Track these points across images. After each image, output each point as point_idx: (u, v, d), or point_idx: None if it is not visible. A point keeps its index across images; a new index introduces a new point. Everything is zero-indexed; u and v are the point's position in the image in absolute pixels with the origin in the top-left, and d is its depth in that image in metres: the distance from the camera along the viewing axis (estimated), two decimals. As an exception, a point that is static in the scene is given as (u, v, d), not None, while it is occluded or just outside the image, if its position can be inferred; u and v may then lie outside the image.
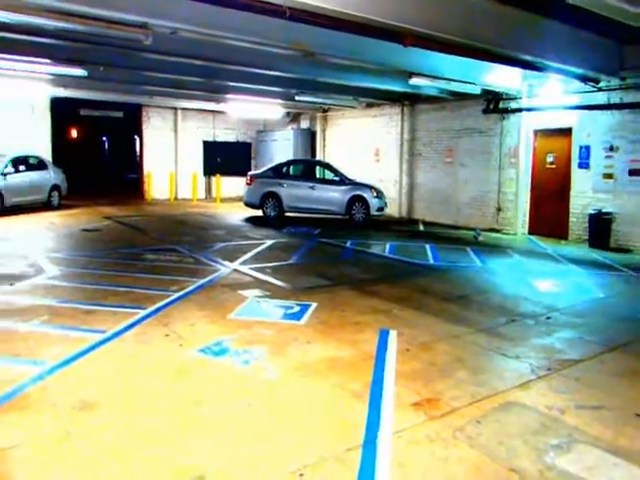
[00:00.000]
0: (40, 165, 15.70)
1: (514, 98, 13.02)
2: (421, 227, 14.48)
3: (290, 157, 19.01)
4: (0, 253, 8.74)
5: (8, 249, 9.15)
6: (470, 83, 11.53)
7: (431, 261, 9.37)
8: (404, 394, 3.90)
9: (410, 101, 16.04)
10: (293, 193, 14.46)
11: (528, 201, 13.05)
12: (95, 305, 5.94)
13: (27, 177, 14.85)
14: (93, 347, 4.67)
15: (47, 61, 12.36)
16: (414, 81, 10.74)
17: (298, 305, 6.18)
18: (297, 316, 5.77)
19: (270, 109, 19.06)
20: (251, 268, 8.18)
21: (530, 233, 12.91)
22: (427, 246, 10.79)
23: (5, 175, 14.00)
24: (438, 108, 15.32)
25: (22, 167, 14.81)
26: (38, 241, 10.20)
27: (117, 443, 3.18)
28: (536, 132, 12.89)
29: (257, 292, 6.76)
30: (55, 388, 3.85)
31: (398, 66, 10.18)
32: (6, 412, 3.49)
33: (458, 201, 14.79)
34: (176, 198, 20.73)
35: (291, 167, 15.61)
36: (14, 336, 4.91)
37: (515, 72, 11.67)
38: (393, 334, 5.22)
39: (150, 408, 3.65)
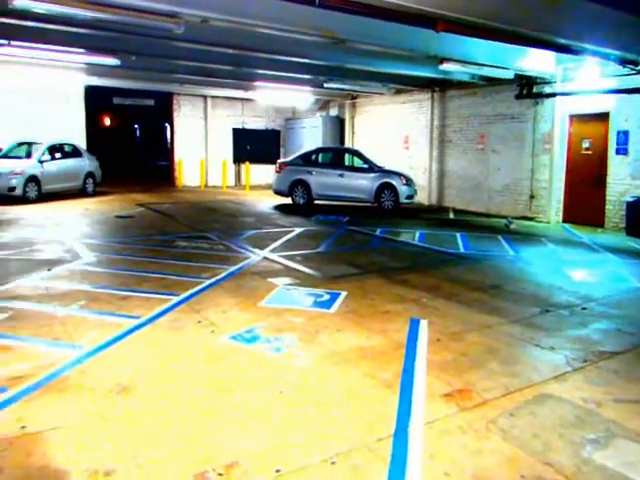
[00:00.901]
0: (75, 153, 16.03)
1: (548, 82, 12.67)
2: (451, 215, 14.30)
3: (319, 145, 18.95)
4: (38, 239, 8.99)
5: (45, 235, 9.40)
6: (503, 68, 11.27)
7: (462, 250, 9.26)
8: (435, 384, 3.87)
9: (440, 87, 15.78)
10: (322, 181, 14.44)
11: (562, 188, 12.74)
12: (129, 291, 6.06)
13: (63, 164, 15.19)
14: (128, 332, 4.77)
15: (81, 51, 12.57)
16: (445, 67, 10.55)
17: (328, 293, 6.19)
18: (327, 304, 5.79)
19: (299, 96, 19.01)
20: (281, 256, 8.22)
21: (564, 221, 12.63)
22: (458, 234, 10.66)
23: (42, 162, 14.35)
24: (469, 94, 15.04)
25: (58, 155, 15.15)
26: (74, 227, 10.44)
27: (151, 427, 3.24)
28: (571, 117, 12.54)
29: (287, 280, 6.79)
30: (93, 372, 3.96)
31: (429, 52, 10.01)
32: (46, 394, 3.59)
33: (490, 188, 14.54)
34: (206, 185, 20.93)
35: (320, 155, 15.57)
36: (53, 320, 5.05)
37: (549, 56, 11.35)
38: (424, 323, 5.19)
39: (184, 393, 3.71)
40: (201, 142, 21.56)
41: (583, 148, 12.36)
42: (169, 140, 22.38)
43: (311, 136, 20.62)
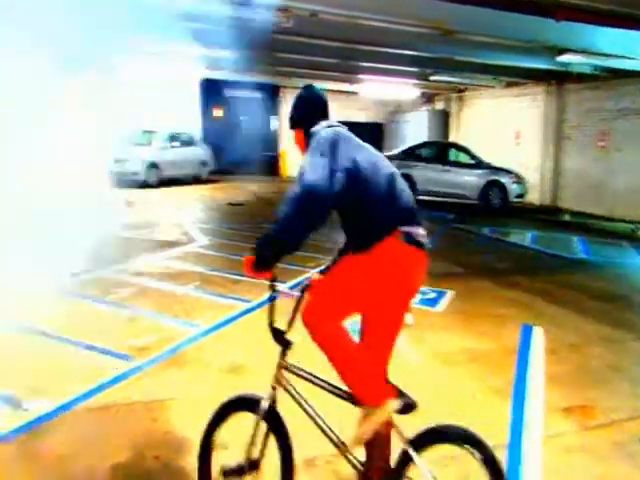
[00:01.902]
0: (191, 142, 17.00)
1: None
2: (567, 217, 13.42)
3: (423, 139, 18.58)
4: (158, 221, 9.65)
5: (164, 218, 10.06)
6: (631, 58, 10.31)
7: (580, 254, 8.66)
8: (552, 397, 3.66)
9: (557, 79, 14.78)
10: (427, 176, 14.15)
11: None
12: (240, 275, 6.30)
13: (180, 152, 16.16)
14: (240, 315, 4.99)
15: (198, 45, 13.24)
16: (564, 58, 9.86)
17: (433, 291, 6.06)
18: (433, 302, 5.67)
19: (403, 90, 18.72)
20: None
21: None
22: (575, 238, 9.98)
23: (162, 150, 15.37)
24: (590, 87, 13.96)
25: (176, 143, 16.15)
26: (189, 212, 11.09)
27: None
28: None
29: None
30: (209, 349, 4.18)
31: (546, 42, 9.39)
32: (167, 367, 3.85)
33: (613, 190, 13.44)
34: (309, 176, 21.26)
35: (425, 149, 15.27)
36: (172, 298, 5.40)
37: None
38: (537, 331, 4.92)
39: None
40: (306, 134, 21.93)
41: None
42: (274, 131, 23.05)
43: (415, 130, 20.26)
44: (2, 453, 2.72)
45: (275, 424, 2.32)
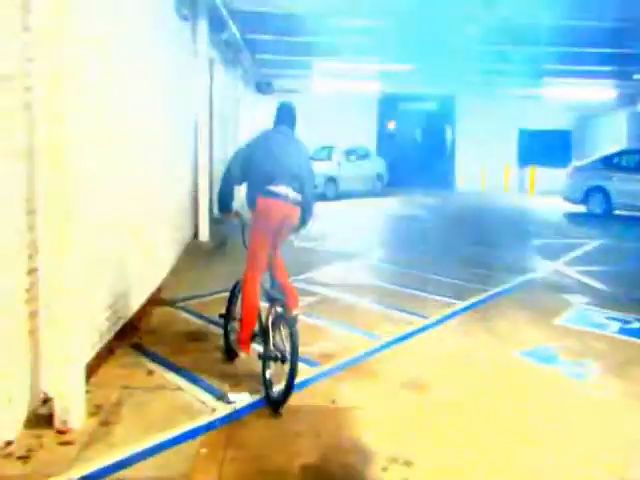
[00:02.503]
0: (367, 156, 17.48)
1: None
2: None
3: (622, 146, 16.62)
4: (337, 233, 10.06)
5: (342, 230, 10.46)
6: None
7: None
8: None
9: None
10: (626, 188, 12.61)
11: None
12: (417, 290, 6.28)
13: (356, 167, 16.71)
14: (419, 330, 4.95)
15: (377, 59, 13.59)
16: None
17: (638, 320, 5.36)
18: (638, 333, 5.02)
19: (596, 91, 17.00)
20: (575, 271, 7.48)
21: None
22: None
23: (340, 164, 16.05)
24: None
25: (353, 157, 16.74)
26: (365, 224, 11.38)
27: (447, 429, 3.28)
28: None
29: (584, 299, 6.14)
30: (388, 363, 4.22)
31: None
32: (350, 375, 3.97)
33: None
34: (486, 188, 20.45)
35: (624, 158, 13.64)
36: (352, 308, 5.58)
37: None
38: None
39: (473, 402, 3.66)
40: (482, 144, 21.10)
41: None
42: (450, 143, 22.58)
43: (610, 136, 18.26)
44: (210, 439, 3.05)
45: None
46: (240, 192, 4.18)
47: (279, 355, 3.46)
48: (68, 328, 3.01)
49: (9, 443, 2.79)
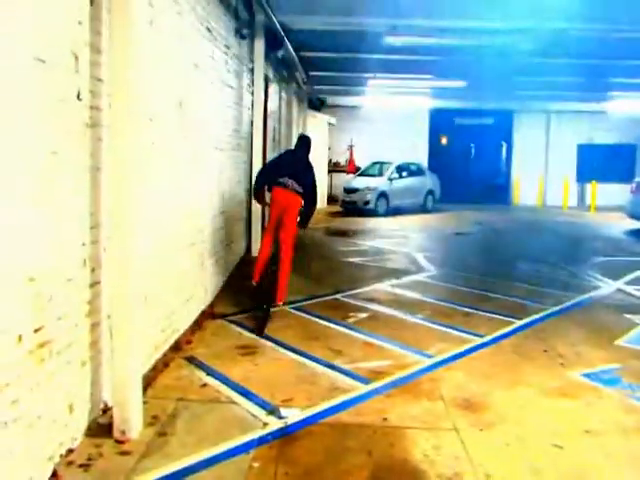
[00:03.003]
0: (419, 171, 17.34)
1: None
2: None
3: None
4: (388, 249, 10.01)
5: (394, 246, 10.39)
6: None
7: None
8: None
9: None
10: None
11: None
12: (470, 308, 6.14)
13: (408, 182, 16.61)
14: (473, 349, 4.83)
15: (429, 77, 13.53)
16: None
17: None
18: None
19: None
20: (639, 289, 7.12)
21: None
22: None
23: (391, 180, 16.00)
24: None
25: (404, 173, 16.67)
26: (416, 240, 11.26)
27: (501, 452, 3.18)
28: None
29: (650, 319, 5.83)
30: (442, 381, 4.13)
31: None
32: (402, 394, 3.91)
33: None
34: (544, 205, 19.86)
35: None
36: (403, 325, 5.52)
37: None
38: None
39: (532, 423, 3.53)
40: (540, 159, 20.57)
41: None
42: (506, 158, 22.08)
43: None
44: (262, 453, 3.07)
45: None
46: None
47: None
48: (127, 340, 3.12)
49: (70, 451, 2.90)
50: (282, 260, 5.69)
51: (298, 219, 5.79)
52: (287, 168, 5.79)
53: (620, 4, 7.26)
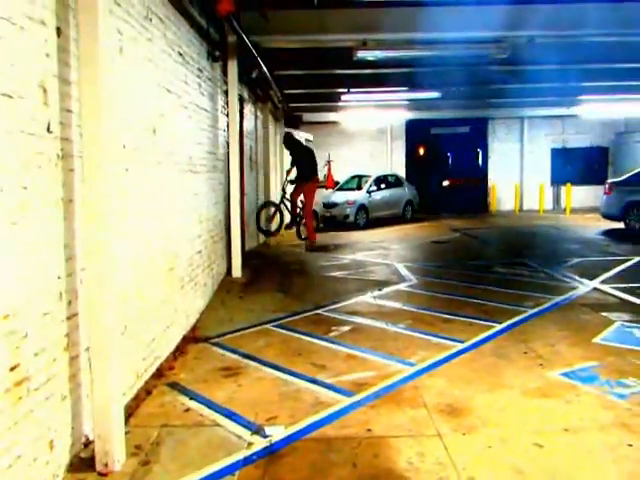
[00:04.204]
0: (397, 182, 17.54)
1: None
2: None
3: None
4: (368, 261, 10.09)
5: (374, 257, 10.48)
6: None
7: None
8: None
9: None
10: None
11: None
12: (451, 315, 6.23)
13: (387, 194, 16.79)
14: (454, 355, 4.89)
15: (404, 89, 13.77)
16: None
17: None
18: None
19: (634, 107, 16.73)
20: (615, 288, 7.28)
21: None
22: None
23: (370, 193, 16.15)
24: None
25: (383, 185, 16.85)
26: (396, 251, 11.36)
27: (484, 453, 3.23)
28: None
29: (625, 316, 5.97)
30: (424, 389, 4.18)
31: None
32: (385, 403, 3.95)
33: None
34: (521, 210, 20.18)
35: (662, 171, 13.32)
36: (386, 336, 5.56)
37: None
38: None
39: (513, 424, 3.60)
40: (515, 165, 20.95)
41: None
42: (482, 165, 22.44)
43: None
44: (247, 473, 3.08)
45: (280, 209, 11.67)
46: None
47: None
48: (106, 371, 3.08)
49: (53, 489, 2.85)
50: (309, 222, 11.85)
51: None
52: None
53: (585, 10, 7.50)
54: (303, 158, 11.53)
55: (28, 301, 2.67)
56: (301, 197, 11.75)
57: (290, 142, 11.85)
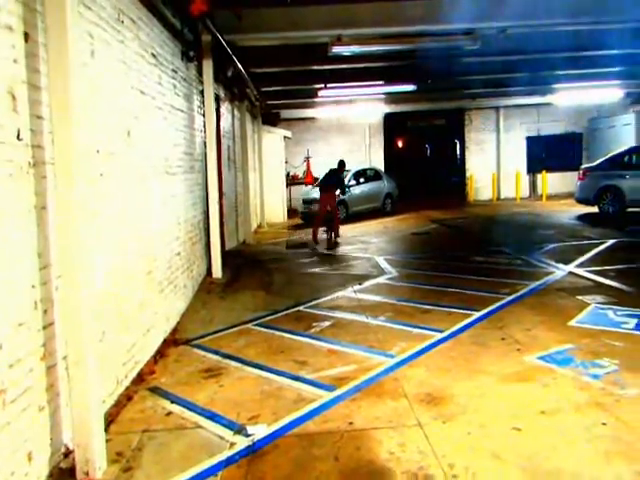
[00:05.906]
0: (376, 176, 17.60)
1: None
2: None
3: (632, 144, 16.50)
4: (349, 255, 10.14)
5: (355, 251, 10.53)
6: None
7: None
8: None
9: None
10: (637, 186, 12.52)
11: None
12: (431, 305, 6.30)
13: (366, 188, 16.84)
14: (433, 345, 4.97)
15: (380, 82, 13.82)
16: None
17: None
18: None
19: (605, 93, 17.02)
20: (589, 271, 7.43)
21: None
22: None
23: (349, 187, 16.17)
24: None
25: (362, 179, 16.89)
26: (377, 244, 11.43)
27: (465, 440, 3.29)
28: None
29: (600, 298, 6.10)
30: (405, 380, 4.23)
31: None
32: (367, 396, 4.00)
33: None
34: (498, 198, 20.41)
35: (634, 156, 13.57)
36: (367, 329, 5.61)
37: None
38: None
39: (492, 410, 3.67)
40: (492, 155, 21.17)
41: None
42: (459, 156, 22.64)
43: (621, 136, 18.13)
44: (230, 473, 3.10)
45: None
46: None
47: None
48: (85, 379, 3.05)
49: (32, 501, 2.81)
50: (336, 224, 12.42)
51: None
52: (327, 181, 12.69)
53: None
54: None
55: (1, 313, 2.63)
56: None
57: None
